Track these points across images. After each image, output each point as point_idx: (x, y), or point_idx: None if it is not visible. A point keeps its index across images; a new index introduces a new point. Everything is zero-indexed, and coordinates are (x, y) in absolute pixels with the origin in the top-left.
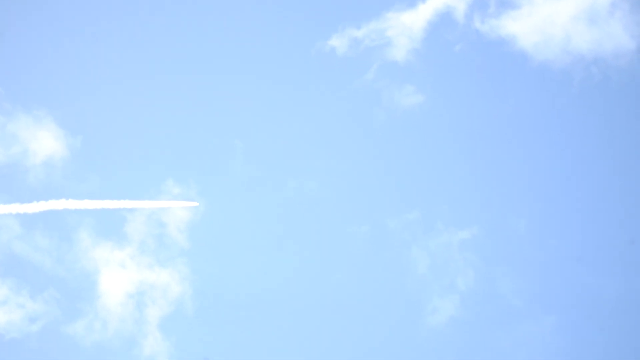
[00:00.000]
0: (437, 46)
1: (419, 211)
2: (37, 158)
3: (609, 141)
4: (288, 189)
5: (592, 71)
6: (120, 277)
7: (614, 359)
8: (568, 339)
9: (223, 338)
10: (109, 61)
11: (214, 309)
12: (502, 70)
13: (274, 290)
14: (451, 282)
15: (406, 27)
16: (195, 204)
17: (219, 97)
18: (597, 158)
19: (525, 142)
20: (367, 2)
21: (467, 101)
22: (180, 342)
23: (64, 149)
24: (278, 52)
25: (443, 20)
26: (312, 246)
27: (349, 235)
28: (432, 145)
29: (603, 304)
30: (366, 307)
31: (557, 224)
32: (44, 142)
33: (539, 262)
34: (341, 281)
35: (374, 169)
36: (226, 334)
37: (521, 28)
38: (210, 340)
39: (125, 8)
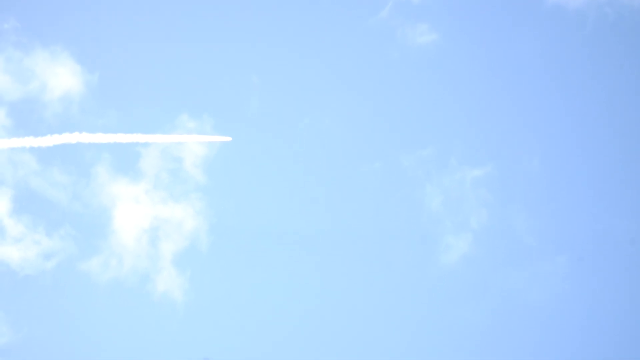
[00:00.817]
0: None
1: (432, 148)
2: (54, 93)
3: (622, 81)
4: (302, 126)
5: (606, 11)
6: (135, 213)
7: (626, 297)
8: (580, 278)
9: (237, 273)
10: None
11: (229, 244)
12: (516, 9)
13: (288, 226)
14: (464, 220)
15: None
16: (228, 138)
17: (235, 32)
18: (610, 98)
19: (539, 81)
20: None
21: (481, 40)
22: (195, 277)
23: (80, 84)
24: None
25: None
26: (326, 183)
27: (363, 172)
28: (445, 82)
29: (616, 243)
30: (379, 244)
31: (570, 162)
32: (61, 77)
33: (552, 200)
34: (354, 218)
35: (387, 107)
36: (240, 269)
37: None
38: (224, 275)
39: None
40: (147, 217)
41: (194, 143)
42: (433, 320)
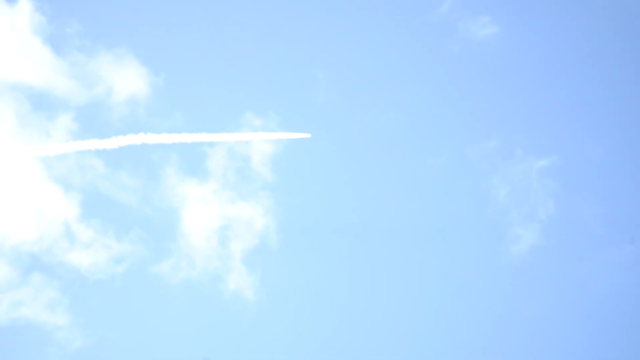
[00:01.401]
0: None
1: (497, 140)
2: (120, 97)
3: None
4: (367, 121)
5: None
6: (204, 213)
7: None
8: None
9: (308, 270)
10: None
11: (299, 242)
12: (578, 1)
13: (356, 221)
14: (532, 211)
15: None
16: (307, 135)
17: (299, 29)
18: None
19: (602, 71)
20: None
21: (542, 31)
22: (266, 276)
23: (146, 86)
24: None
25: None
26: (392, 178)
27: (428, 166)
28: (508, 74)
29: None
30: (447, 237)
31: (636, 150)
32: (126, 80)
33: (618, 188)
34: (421, 212)
35: (451, 100)
36: (311, 266)
37: None
38: (294, 273)
39: None
40: (216, 217)
41: (260, 141)
42: (502, 311)
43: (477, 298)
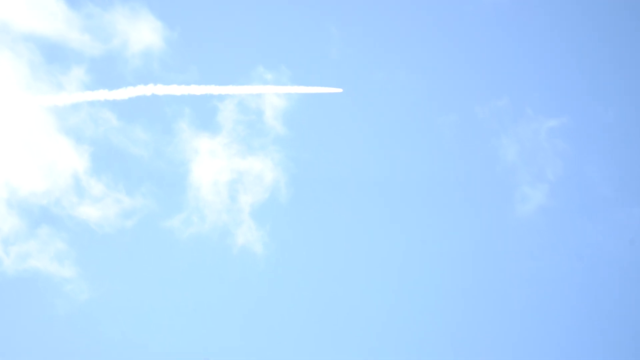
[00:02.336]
0: None
1: (507, 99)
2: (134, 50)
3: None
4: (379, 78)
5: None
6: (214, 167)
7: None
8: None
9: (317, 225)
10: None
11: (309, 196)
12: None
13: (366, 176)
14: (540, 171)
15: None
16: (339, 90)
17: None
18: None
19: (616, 31)
20: None
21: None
22: (275, 230)
23: (161, 40)
24: None
25: None
26: (402, 135)
27: (438, 124)
28: (520, 32)
29: None
30: (455, 194)
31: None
32: (141, 34)
33: (628, 150)
34: (431, 170)
35: (462, 58)
36: (321, 220)
37: None
38: (304, 228)
39: None
40: (226, 171)
41: (272, 96)
42: (509, 271)
43: (482, 257)
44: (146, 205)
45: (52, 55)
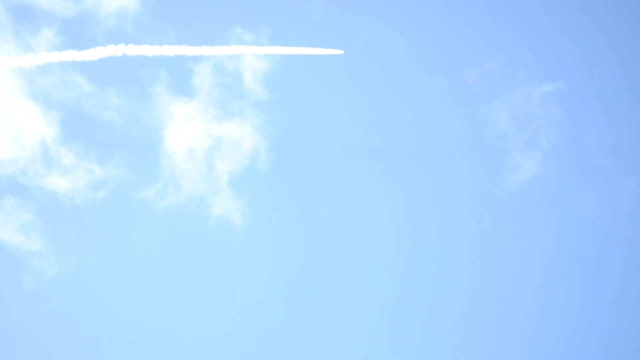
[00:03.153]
0: None
1: (498, 62)
2: (108, 10)
3: None
4: (364, 39)
5: None
6: (190, 133)
7: None
8: None
9: (299, 194)
10: None
11: (290, 164)
12: None
13: (351, 142)
14: (533, 138)
15: None
16: (340, 51)
17: None
18: None
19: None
20: None
21: None
22: (254, 200)
23: (135, 0)
24: None
25: None
26: (388, 99)
27: (425, 88)
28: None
29: None
30: (443, 161)
31: None
32: None
33: (626, 118)
34: (417, 136)
35: (450, 19)
36: (303, 190)
37: None
38: (285, 197)
39: None
40: (202, 137)
41: (252, 57)
42: (500, 243)
43: (471, 229)
44: (119, 175)
45: (21, 16)
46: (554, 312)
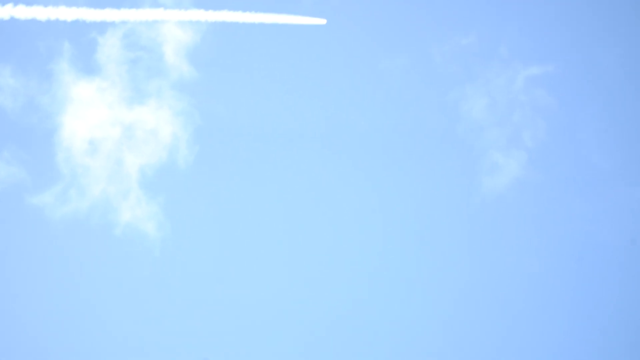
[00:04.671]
0: None
1: (475, 35)
2: None
3: None
4: (307, 5)
5: None
6: (94, 119)
7: None
8: None
9: (228, 196)
10: None
11: (218, 158)
12: None
13: (292, 133)
14: (516, 133)
15: None
16: (323, 21)
17: None
18: None
19: None
20: None
21: None
22: (171, 204)
23: None
24: None
25: None
26: (335, 82)
27: (382, 69)
28: None
29: None
30: (403, 161)
31: None
32: None
33: (632, 112)
34: (372, 129)
35: None
36: (233, 190)
37: None
38: (209, 200)
39: None
40: (108, 125)
41: (171, 27)
42: (473, 260)
43: (441, 240)
44: (11, 175)
45: None
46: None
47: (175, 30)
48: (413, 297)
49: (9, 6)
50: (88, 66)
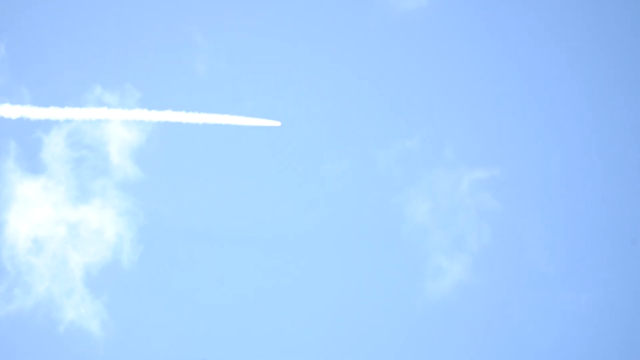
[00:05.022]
0: None
1: (419, 138)
2: None
3: None
4: (254, 105)
5: None
6: (37, 218)
7: None
8: (610, 317)
9: (173, 295)
10: None
11: (162, 258)
12: None
13: (236, 234)
14: (460, 237)
15: None
16: (277, 123)
17: None
18: None
19: (565, 61)
20: None
21: (482, 3)
22: (115, 302)
23: None
24: None
25: None
26: (281, 183)
27: (325, 172)
28: (436, 58)
29: None
30: (346, 264)
31: (603, 163)
32: None
33: (577, 216)
34: (317, 229)
35: (362, 86)
36: (177, 290)
37: None
38: (154, 299)
39: None
40: (52, 224)
41: (116, 126)
42: None
43: (382, 348)
44: None
45: None
46: None
47: (120, 130)
48: None
49: None
50: (33, 165)
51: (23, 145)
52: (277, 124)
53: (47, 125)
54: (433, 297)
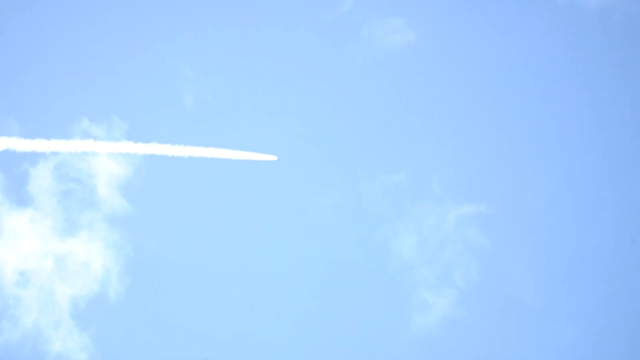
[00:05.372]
0: None
1: (406, 173)
2: None
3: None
4: (246, 137)
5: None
6: (24, 251)
7: None
8: (595, 354)
9: (159, 329)
10: None
11: (149, 290)
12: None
13: (222, 268)
14: (446, 272)
15: None
16: (273, 157)
17: (163, 13)
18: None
19: (546, 92)
20: None
21: (471, 41)
22: (102, 335)
23: None
24: None
25: None
26: (267, 219)
27: (311, 207)
28: (424, 93)
29: None
30: (331, 298)
31: (592, 200)
32: None
33: (564, 251)
34: (301, 264)
35: (349, 121)
36: (164, 323)
37: None
38: (141, 332)
39: None
40: (39, 256)
41: (103, 159)
42: None
43: None
44: None
45: None
46: None
47: (107, 163)
48: None
49: None
50: (20, 197)
51: (10, 178)
52: (274, 158)
53: (34, 158)
54: (419, 332)
